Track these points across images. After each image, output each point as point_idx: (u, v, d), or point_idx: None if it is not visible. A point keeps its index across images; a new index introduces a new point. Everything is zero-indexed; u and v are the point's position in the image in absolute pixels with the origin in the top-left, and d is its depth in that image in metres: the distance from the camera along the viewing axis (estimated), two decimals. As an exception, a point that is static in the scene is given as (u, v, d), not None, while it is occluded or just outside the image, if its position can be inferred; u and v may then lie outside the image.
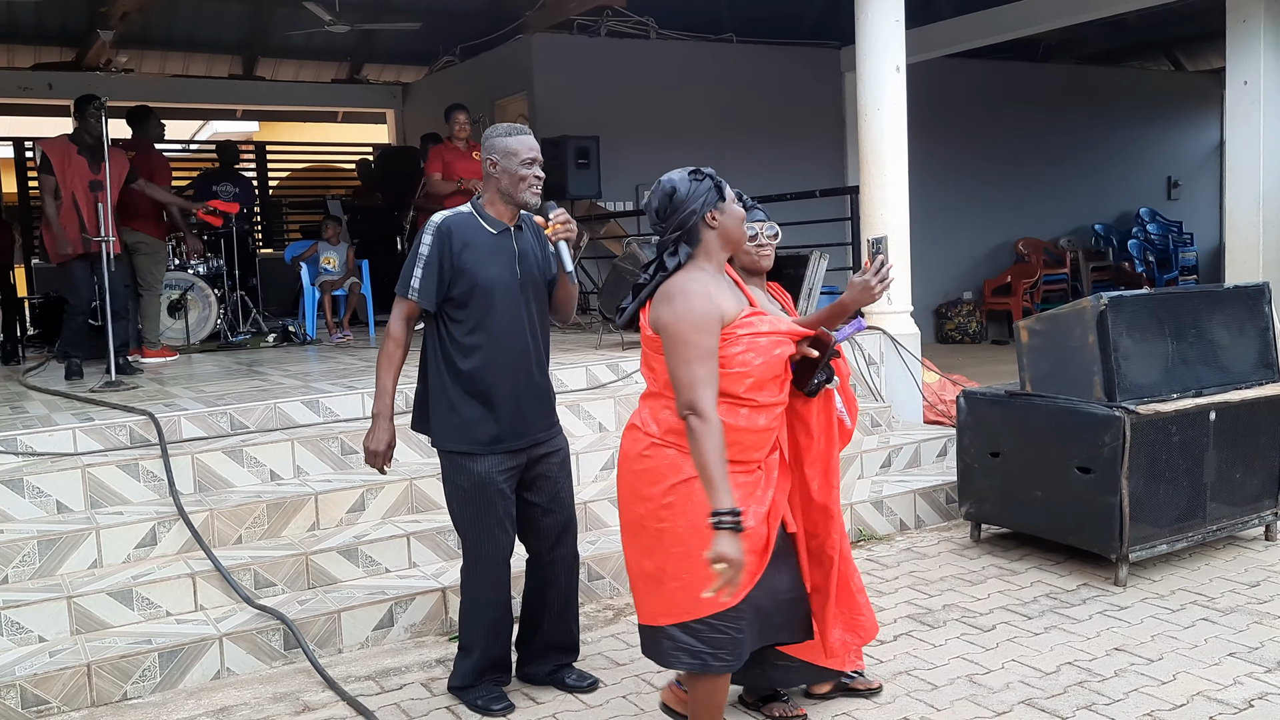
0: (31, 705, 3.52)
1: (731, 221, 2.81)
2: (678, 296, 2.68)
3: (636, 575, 2.82)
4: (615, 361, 6.21)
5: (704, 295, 2.68)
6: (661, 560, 2.72)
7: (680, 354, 2.63)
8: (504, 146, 3.39)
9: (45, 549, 4.10)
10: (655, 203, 2.80)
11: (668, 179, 2.80)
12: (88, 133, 6.43)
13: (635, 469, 2.78)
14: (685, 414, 2.60)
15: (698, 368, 2.61)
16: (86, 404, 5.46)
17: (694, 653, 2.73)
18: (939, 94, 11.58)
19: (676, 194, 2.76)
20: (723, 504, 2.51)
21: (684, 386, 2.62)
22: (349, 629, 4.05)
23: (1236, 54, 7.89)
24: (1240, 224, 7.95)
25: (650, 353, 2.80)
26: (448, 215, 3.44)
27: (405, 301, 3.40)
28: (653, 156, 10.86)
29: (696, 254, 2.79)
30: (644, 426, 2.79)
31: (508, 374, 3.39)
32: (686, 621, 2.72)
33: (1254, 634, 3.91)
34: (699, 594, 2.60)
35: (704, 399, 2.58)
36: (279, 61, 12.81)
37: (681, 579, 2.68)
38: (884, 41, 6.66)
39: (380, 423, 3.46)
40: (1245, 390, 4.78)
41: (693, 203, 2.76)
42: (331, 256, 9.11)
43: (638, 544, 2.79)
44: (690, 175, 2.79)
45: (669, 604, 2.73)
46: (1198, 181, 15.23)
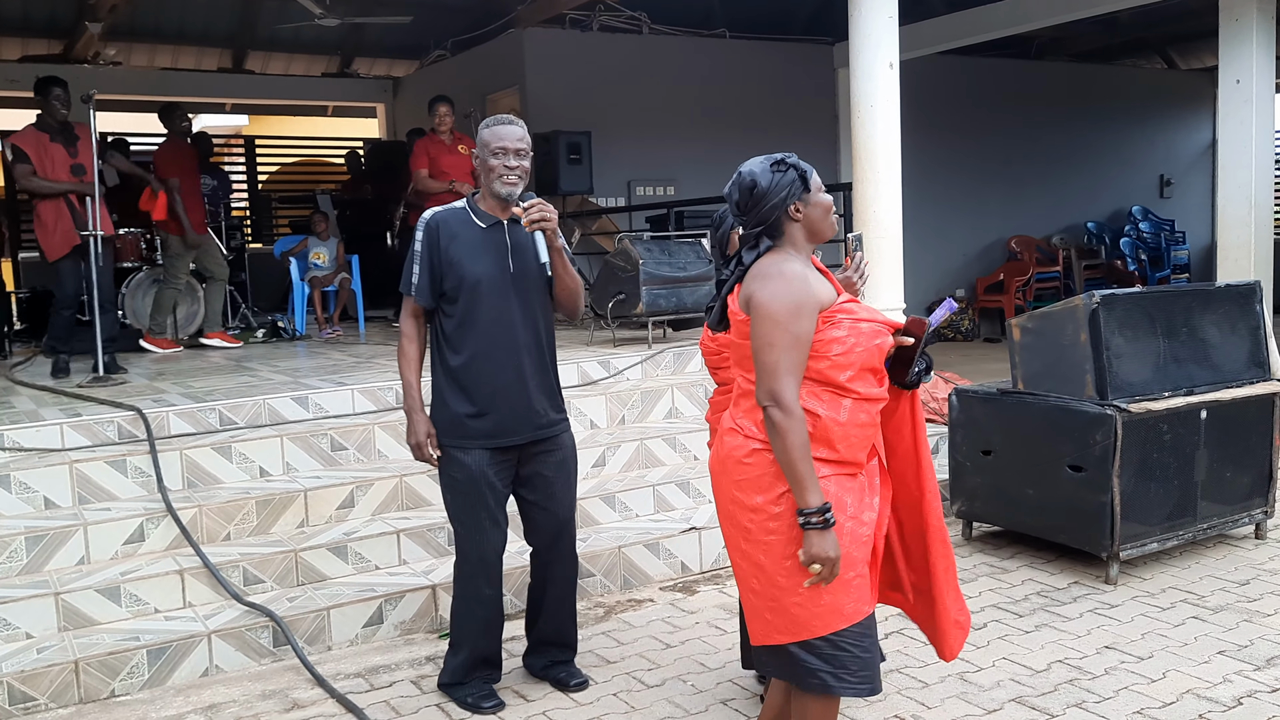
0: (19, 702, 3.49)
1: (817, 213, 2.59)
2: (774, 276, 2.47)
3: (746, 591, 2.56)
4: (607, 359, 6.20)
5: (801, 277, 2.48)
6: (773, 575, 2.48)
7: (768, 336, 2.41)
8: (481, 139, 3.41)
9: (32, 545, 4.07)
10: (735, 195, 2.60)
11: (748, 170, 2.58)
12: (51, 116, 6.24)
13: (738, 478, 2.52)
14: (765, 404, 2.40)
15: (784, 355, 2.40)
16: (74, 399, 5.43)
17: (812, 670, 2.48)
18: (932, 91, 11.59)
19: (757, 187, 2.55)
20: (812, 501, 2.37)
21: (767, 372, 2.40)
22: (338, 626, 4.03)
23: (1229, 52, 7.91)
24: (1232, 222, 7.97)
25: (743, 342, 2.54)
26: (438, 210, 3.45)
27: (408, 299, 3.44)
28: (645, 152, 10.87)
29: (779, 246, 2.57)
30: (744, 429, 2.54)
31: (496, 369, 3.37)
32: (807, 640, 2.48)
33: (1243, 632, 3.92)
34: (816, 609, 2.43)
35: (788, 389, 2.39)
36: (268, 55, 12.75)
37: (798, 594, 2.45)
38: (877, 38, 6.64)
39: (414, 417, 3.45)
40: (1236, 389, 4.79)
41: (775, 195, 2.54)
42: (321, 252, 9.07)
43: (746, 558, 2.53)
44: (772, 166, 2.57)
45: (786, 621, 2.48)
46: (1190, 180, 15.28)
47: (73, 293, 6.37)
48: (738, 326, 2.57)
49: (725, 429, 2.61)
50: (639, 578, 4.66)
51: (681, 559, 4.78)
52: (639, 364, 6.22)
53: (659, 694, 3.57)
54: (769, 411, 2.39)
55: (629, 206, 10.50)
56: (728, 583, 4.66)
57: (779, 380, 2.39)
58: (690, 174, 10.87)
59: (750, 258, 2.58)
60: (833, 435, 2.47)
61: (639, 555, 4.67)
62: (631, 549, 4.66)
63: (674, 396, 5.96)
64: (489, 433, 3.38)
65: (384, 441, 5.04)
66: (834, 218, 3.26)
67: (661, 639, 4.05)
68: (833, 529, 2.39)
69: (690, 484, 5.22)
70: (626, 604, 4.46)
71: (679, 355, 6.40)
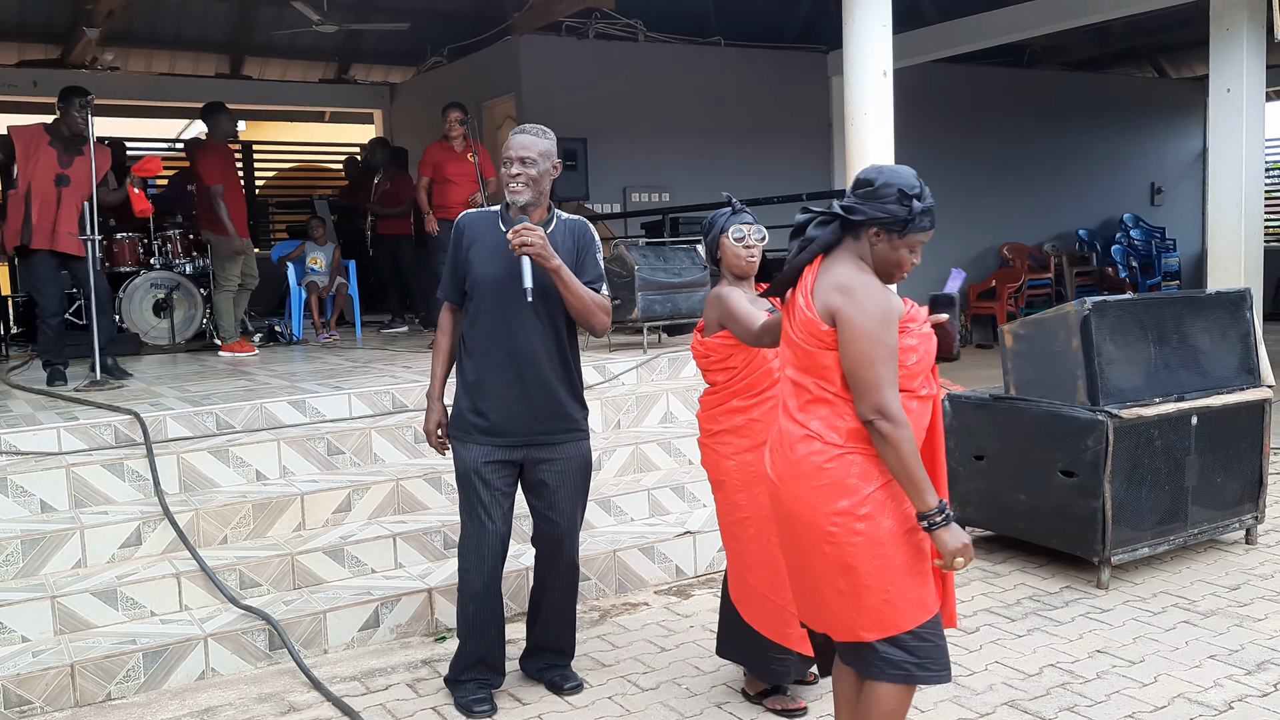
0: (14, 705, 3.50)
1: (887, 255, 2.52)
2: (858, 289, 2.45)
3: (830, 592, 2.55)
4: (602, 363, 6.22)
5: (882, 290, 2.48)
6: (859, 575, 2.49)
7: (867, 353, 2.41)
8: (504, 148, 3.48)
9: (29, 548, 4.08)
10: (875, 174, 2.51)
11: (901, 173, 2.51)
12: (67, 125, 6.14)
13: (817, 484, 2.51)
14: (873, 418, 2.40)
15: (883, 368, 2.41)
16: (71, 403, 5.44)
17: (897, 664, 2.52)
18: (925, 99, 11.64)
19: (889, 187, 2.48)
20: (931, 503, 2.41)
21: (870, 388, 2.40)
22: (334, 629, 4.04)
23: (1220, 61, 7.96)
24: (1222, 230, 8.02)
25: (820, 350, 2.51)
26: (470, 212, 3.58)
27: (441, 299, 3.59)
28: (640, 159, 10.91)
29: (847, 247, 2.54)
30: (822, 435, 2.51)
31: (498, 372, 3.40)
32: (893, 635, 2.52)
33: (1234, 636, 3.95)
34: (903, 605, 2.48)
35: (893, 400, 2.40)
36: (266, 60, 12.76)
37: (885, 591, 2.48)
38: (871, 46, 6.69)
39: (430, 404, 3.59)
40: (1227, 395, 4.83)
41: (886, 206, 2.48)
42: (318, 257, 9.09)
43: (826, 561, 2.53)
44: (914, 189, 2.48)
45: (872, 619, 2.51)
46: (1181, 188, 15.36)
47: (55, 299, 6.22)
48: (814, 332, 2.51)
49: (796, 436, 2.55)
50: (634, 581, 4.68)
51: (676, 563, 4.81)
52: (634, 369, 6.25)
53: (654, 697, 3.59)
54: (877, 425, 2.40)
55: (624, 213, 10.52)
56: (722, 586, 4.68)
57: (884, 394, 2.40)
58: (685, 181, 10.92)
59: (817, 233, 2.55)
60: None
61: (634, 559, 4.70)
62: (626, 553, 4.68)
63: (669, 401, 5.99)
64: (486, 431, 3.43)
65: (380, 445, 5.06)
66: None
67: (656, 642, 4.07)
68: (954, 521, 2.44)
69: (685, 488, 5.24)
70: (621, 607, 4.48)
71: (674, 360, 6.42)
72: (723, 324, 3.31)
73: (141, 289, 8.27)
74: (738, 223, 3.38)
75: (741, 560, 3.41)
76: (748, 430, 3.32)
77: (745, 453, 3.32)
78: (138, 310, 8.25)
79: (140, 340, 8.16)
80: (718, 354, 3.36)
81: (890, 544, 2.49)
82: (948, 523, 2.43)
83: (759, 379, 3.32)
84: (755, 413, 3.31)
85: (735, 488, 3.37)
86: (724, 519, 3.46)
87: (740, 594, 3.43)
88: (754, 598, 3.39)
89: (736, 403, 3.35)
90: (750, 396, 3.33)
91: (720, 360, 3.36)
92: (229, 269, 7.71)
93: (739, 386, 3.34)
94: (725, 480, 3.40)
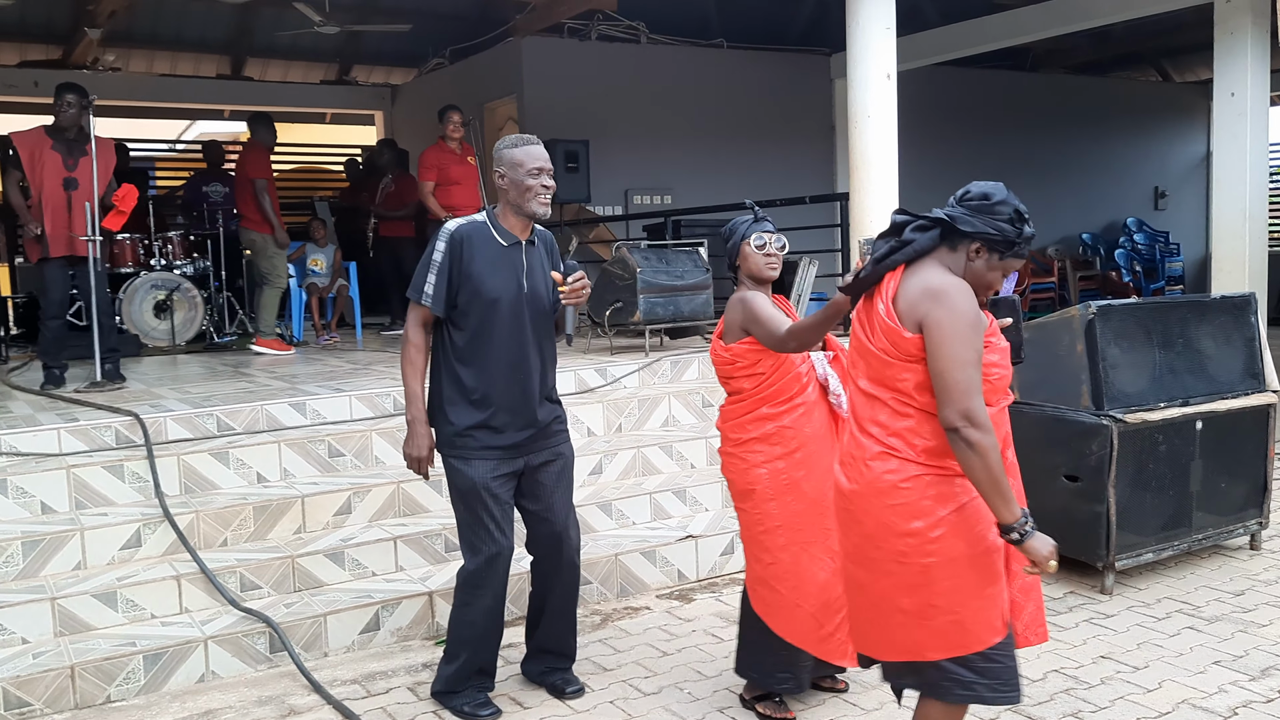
0: (14, 707, 3.48)
1: (988, 276, 2.49)
2: (951, 293, 2.38)
3: (892, 611, 2.50)
4: (604, 366, 6.21)
5: (971, 295, 2.40)
6: (928, 596, 2.44)
7: (958, 354, 2.33)
8: (511, 158, 3.41)
9: (29, 550, 4.06)
10: (986, 187, 2.49)
11: (1014, 198, 2.48)
12: (57, 122, 6.04)
13: (893, 502, 2.44)
14: (959, 424, 2.31)
15: (973, 372, 2.33)
16: (71, 404, 5.42)
17: (967, 684, 2.46)
18: (928, 102, 11.63)
19: (993, 199, 2.45)
20: (1016, 513, 2.36)
21: (959, 392, 2.31)
22: (335, 632, 4.02)
23: (1224, 65, 7.95)
24: (1226, 234, 8.00)
25: (899, 363, 2.43)
26: (462, 223, 3.45)
27: (419, 307, 3.40)
28: (642, 161, 10.90)
29: (938, 255, 2.48)
30: (899, 452, 2.44)
31: (505, 384, 3.39)
32: (964, 655, 2.46)
33: (1239, 642, 3.93)
34: (973, 627, 2.43)
35: (980, 407, 2.32)
36: (267, 62, 12.77)
37: (954, 613, 2.43)
38: (875, 49, 6.68)
39: (416, 428, 3.43)
40: (1231, 400, 4.81)
41: (998, 223, 2.44)
42: (319, 258, 9.08)
43: (893, 581, 2.47)
44: (1026, 219, 2.47)
45: (940, 640, 2.46)
46: (1184, 192, 15.35)
47: (58, 301, 6.15)
48: (895, 341, 2.43)
49: (872, 452, 2.47)
50: (636, 585, 4.67)
51: (678, 567, 4.79)
52: (636, 372, 6.23)
53: (656, 701, 3.57)
54: (964, 432, 2.31)
55: (626, 215, 10.52)
56: (724, 591, 4.67)
57: (973, 399, 2.32)
58: (687, 183, 10.91)
59: (913, 237, 2.47)
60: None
61: (636, 563, 4.68)
62: (628, 557, 4.66)
63: (671, 404, 5.97)
64: (492, 445, 3.39)
65: (381, 448, 5.04)
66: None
67: (658, 647, 4.05)
68: (1039, 534, 2.38)
69: (687, 492, 5.22)
70: (623, 611, 4.46)
71: (676, 363, 6.41)
72: (746, 329, 3.26)
73: (142, 290, 8.26)
74: (759, 230, 3.35)
75: (770, 571, 3.32)
76: (778, 437, 3.26)
77: (777, 460, 3.27)
78: (138, 311, 8.24)
79: (140, 341, 8.15)
80: (745, 360, 3.29)
81: (962, 567, 2.43)
82: (1033, 531, 2.38)
83: (788, 384, 3.27)
84: (786, 419, 3.27)
85: (766, 496, 3.29)
86: (751, 529, 3.36)
87: (768, 605, 3.35)
88: (784, 607, 3.31)
89: (766, 410, 3.28)
90: (780, 403, 3.27)
91: (747, 366, 3.29)
92: (278, 264, 7.87)
93: (768, 393, 3.28)
94: (755, 489, 3.31)
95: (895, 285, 2.47)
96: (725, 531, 4.91)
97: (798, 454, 3.26)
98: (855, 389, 2.57)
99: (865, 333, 2.53)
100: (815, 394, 3.33)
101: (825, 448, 3.28)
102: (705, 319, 7.00)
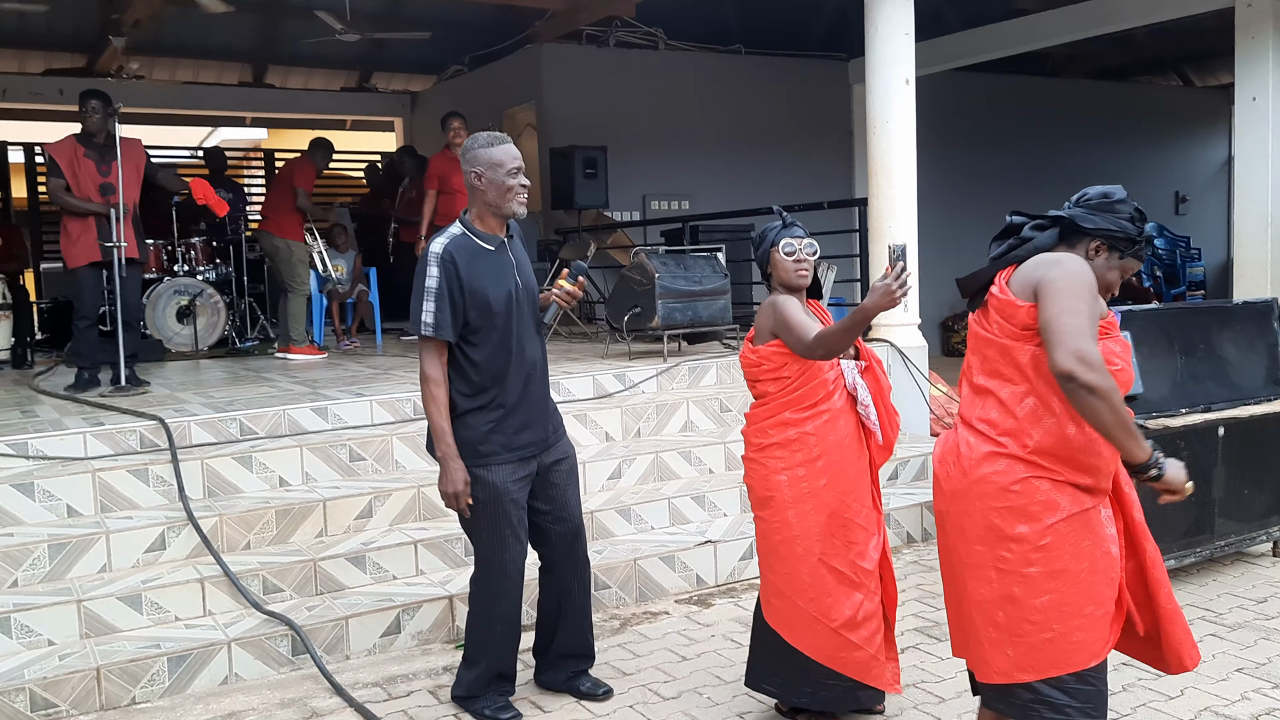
0: (40, 709, 3.53)
1: (1108, 275, 2.46)
2: (1068, 261, 2.34)
3: (985, 624, 2.41)
4: (622, 371, 6.23)
5: (1089, 268, 2.37)
6: (1024, 610, 2.35)
7: (1068, 303, 2.24)
8: (488, 158, 3.34)
9: (55, 552, 4.11)
10: (1110, 191, 2.48)
11: (1132, 199, 2.49)
12: (85, 128, 6.11)
13: (1000, 505, 2.35)
14: (1071, 367, 2.18)
15: (1084, 319, 2.22)
16: (97, 409, 5.48)
17: (1058, 707, 2.37)
18: (947, 108, 11.61)
19: (1112, 199, 2.45)
20: (1147, 449, 2.28)
21: (1070, 334, 2.20)
22: (356, 635, 4.05)
23: (1245, 70, 7.92)
24: (1248, 240, 7.96)
25: (1013, 342, 2.37)
26: (445, 242, 3.35)
27: (429, 341, 3.32)
28: (661, 167, 10.93)
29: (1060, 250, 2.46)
30: (1009, 450, 2.36)
31: (520, 384, 3.41)
32: (1058, 677, 2.37)
33: (1261, 650, 3.90)
34: (1069, 647, 2.35)
35: (1093, 349, 2.20)
36: (289, 69, 12.88)
37: (1051, 629, 2.33)
38: (894, 54, 6.68)
39: (449, 464, 3.33)
40: (1254, 406, 4.78)
41: (1119, 220, 2.43)
42: (340, 264, 9.13)
43: (989, 589, 2.39)
44: (1141, 215, 2.47)
45: (1033, 658, 2.36)
46: (1206, 197, 15.25)
47: (91, 304, 6.23)
48: (1009, 314, 2.38)
49: (981, 452, 2.40)
50: (654, 590, 4.68)
51: (697, 572, 4.80)
52: (654, 377, 6.25)
53: (675, 706, 3.58)
54: (1078, 376, 2.18)
55: (644, 221, 10.54)
56: (743, 596, 4.67)
57: (1085, 340, 2.20)
58: (705, 189, 10.92)
59: (1033, 235, 2.46)
60: (1094, 451, 2.38)
61: (654, 568, 4.69)
62: (647, 561, 4.67)
63: (689, 410, 5.98)
64: (513, 446, 3.40)
65: (402, 452, 5.08)
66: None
67: (677, 652, 4.06)
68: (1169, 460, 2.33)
69: (705, 497, 5.23)
70: (642, 616, 4.47)
71: (694, 369, 6.42)
72: (775, 332, 3.25)
73: (165, 295, 8.34)
74: (789, 237, 3.33)
75: (787, 582, 3.25)
76: (800, 444, 3.22)
77: (797, 467, 3.22)
78: (161, 317, 8.32)
79: (164, 346, 8.23)
80: (771, 363, 3.27)
81: (1065, 581, 2.34)
82: (1167, 463, 2.32)
83: (813, 390, 3.24)
84: (808, 426, 3.22)
85: (785, 504, 3.24)
86: (769, 539, 3.30)
87: (784, 618, 3.28)
88: (803, 620, 3.24)
89: (788, 415, 3.25)
90: (803, 409, 3.24)
91: (773, 370, 3.27)
92: (300, 271, 7.97)
93: (792, 398, 3.25)
94: (774, 496, 3.26)
95: (1009, 275, 2.45)
96: (744, 537, 4.92)
97: (819, 462, 3.22)
98: (967, 386, 2.52)
99: (981, 325, 2.49)
100: (842, 402, 3.28)
101: (849, 458, 3.26)
102: (723, 324, 7.01)
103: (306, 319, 8.12)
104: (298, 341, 7.94)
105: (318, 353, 7.98)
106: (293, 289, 7.96)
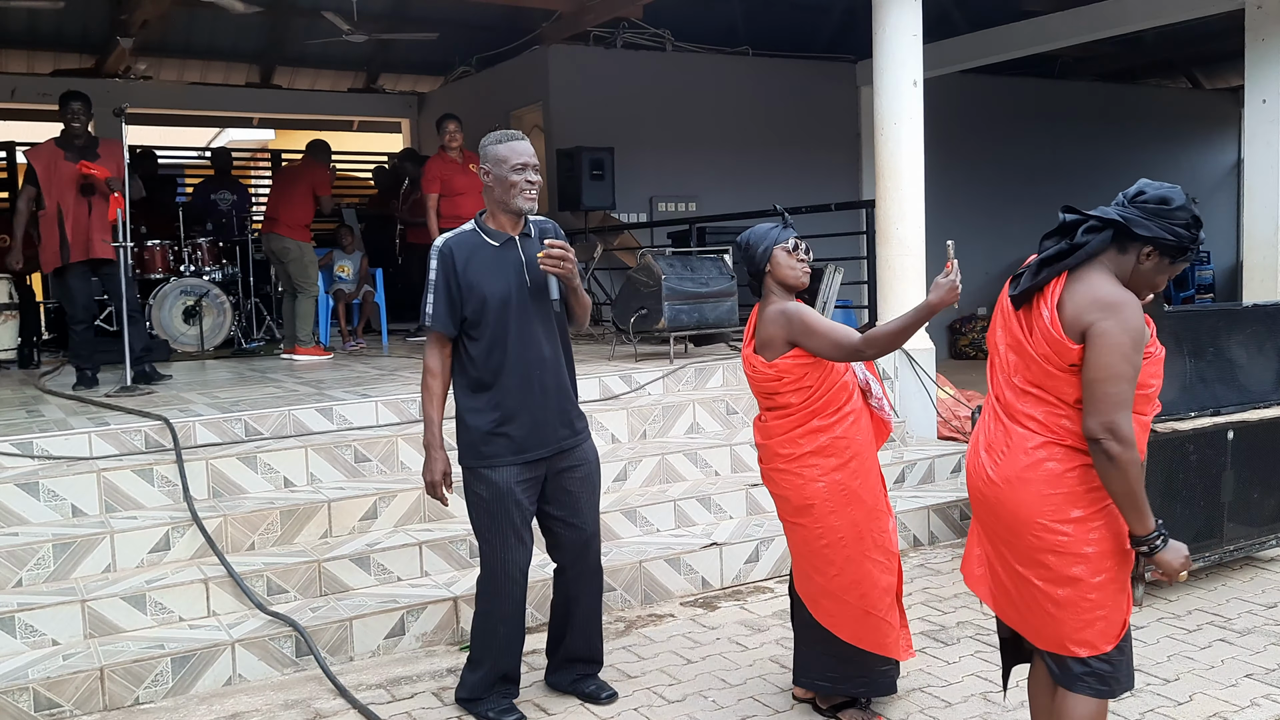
0: (44, 708, 3.52)
1: (1157, 279, 2.50)
2: (1124, 306, 2.38)
3: (1046, 602, 2.52)
4: (629, 373, 6.21)
5: (1140, 310, 2.41)
6: (1083, 589, 2.47)
7: (1115, 367, 2.35)
8: (495, 154, 3.37)
9: (60, 552, 4.11)
10: (1169, 195, 2.47)
11: (1191, 205, 2.49)
12: (67, 131, 6.13)
13: (1051, 491, 2.46)
14: (1101, 436, 2.34)
15: (1126, 387, 2.36)
16: (102, 409, 5.48)
17: (1104, 678, 2.52)
18: (955, 110, 11.58)
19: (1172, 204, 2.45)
20: (1151, 525, 2.40)
21: (1108, 404, 2.34)
22: (360, 637, 4.04)
23: (1255, 72, 7.87)
24: (1258, 243, 7.91)
25: (1060, 374, 2.44)
26: (449, 236, 3.43)
27: (431, 333, 3.40)
28: (667, 168, 10.91)
29: (1107, 257, 2.46)
30: (1063, 441, 2.46)
31: (523, 384, 3.38)
32: (1106, 651, 2.52)
33: (1271, 655, 3.87)
34: (1117, 620, 2.50)
35: (1126, 422, 2.35)
36: (296, 70, 12.89)
37: (1103, 607, 2.48)
38: (902, 56, 6.66)
39: (432, 453, 3.42)
40: (1264, 409, 4.75)
41: (1174, 227, 2.43)
42: (346, 265, 9.14)
43: (1047, 572, 2.49)
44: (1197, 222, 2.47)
45: (1086, 634, 2.50)
46: (1215, 200, 15.18)
47: (81, 307, 6.22)
48: (1059, 351, 2.43)
49: (1034, 442, 2.48)
50: (660, 593, 4.66)
51: (702, 574, 4.78)
52: (660, 379, 6.23)
53: (680, 709, 3.56)
54: (1105, 445, 2.34)
55: (651, 222, 10.53)
56: (748, 599, 4.65)
57: (1120, 413, 2.35)
58: (712, 190, 10.91)
59: (1085, 239, 2.45)
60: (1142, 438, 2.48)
61: (660, 570, 4.67)
62: (652, 564, 4.66)
63: (695, 412, 5.96)
64: (517, 448, 3.38)
65: (407, 453, 5.07)
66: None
67: (682, 654, 4.04)
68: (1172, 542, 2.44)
69: (711, 499, 5.21)
70: (647, 619, 4.45)
71: (700, 370, 6.40)
72: (793, 342, 3.21)
73: (171, 296, 8.35)
74: (791, 235, 3.33)
75: (837, 583, 3.28)
76: (833, 449, 3.23)
77: (834, 472, 3.23)
78: (167, 317, 8.33)
79: (170, 347, 8.24)
80: (792, 375, 3.23)
81: (1113, 560, 2.48)
82: (1167, 541, 2.42)
83: (836, 394, 3.25)
84: (838, 430, 3.24)
85: (826, 510, 3.24)
86: (812, 544, 3.30)
87: (837, 618, 3.31)
88: (852, 615, 3.29)
89: (818, 422, 3.24)
90: (831, 414, 3.24)
91: (794, 381, 3.23)
92: (311, 273, 7.99)
93: (818, 405, 3.24)
94: (814, 504, 3.25)
95: (1061, 289, 2.47)
96: (749, 539, 4.90)
97: (852, 464, 3.24)
98: (1005, 382, 2.57)
99: (1023, 332, 2.53)
100: (859, 400, 3.33)
101: (872, 452, 3.33)
102: (730, 326, 6.99)
103: (314, 320, 8.12)
104: (304, 342, 7.94)
105: (323, 353, 7.98)
106: (303, 290, 7.96)
